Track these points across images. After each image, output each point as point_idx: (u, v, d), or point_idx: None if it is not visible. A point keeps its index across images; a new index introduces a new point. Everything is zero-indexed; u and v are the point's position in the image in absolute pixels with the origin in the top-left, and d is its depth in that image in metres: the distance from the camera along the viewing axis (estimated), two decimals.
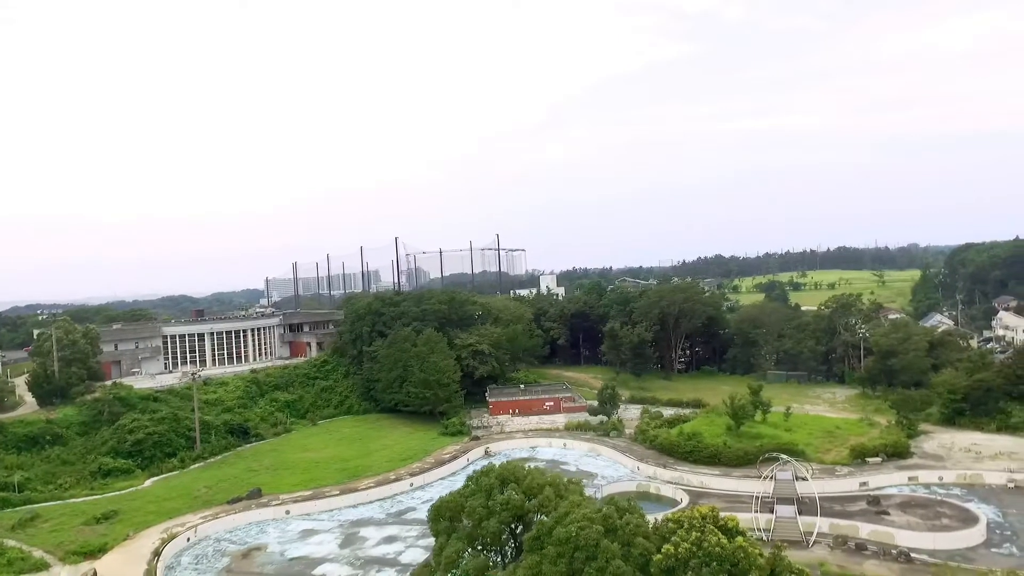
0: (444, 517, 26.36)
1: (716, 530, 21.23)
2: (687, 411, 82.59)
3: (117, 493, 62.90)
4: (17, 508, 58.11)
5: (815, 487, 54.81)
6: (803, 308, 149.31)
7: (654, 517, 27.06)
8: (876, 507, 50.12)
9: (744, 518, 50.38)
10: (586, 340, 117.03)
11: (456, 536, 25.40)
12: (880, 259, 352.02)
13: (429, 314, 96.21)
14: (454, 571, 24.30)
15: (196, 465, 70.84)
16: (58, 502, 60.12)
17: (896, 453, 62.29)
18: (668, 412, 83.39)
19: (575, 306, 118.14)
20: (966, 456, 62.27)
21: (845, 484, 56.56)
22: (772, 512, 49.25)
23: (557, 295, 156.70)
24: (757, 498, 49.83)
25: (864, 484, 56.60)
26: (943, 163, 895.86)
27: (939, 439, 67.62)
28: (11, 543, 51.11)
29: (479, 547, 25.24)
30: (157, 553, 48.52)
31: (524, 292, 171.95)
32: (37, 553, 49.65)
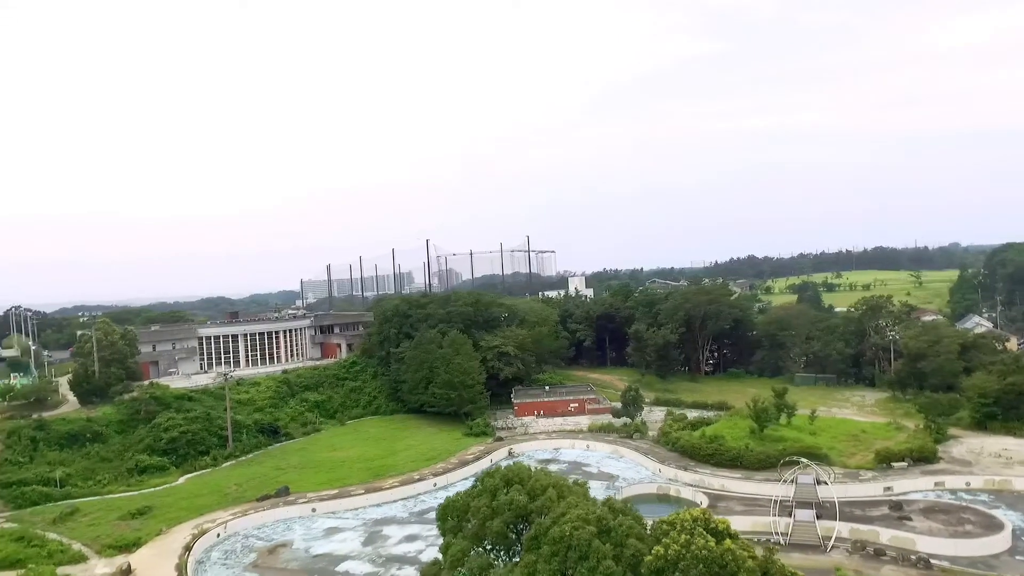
0: (451, 517, 27.09)
1: (705, 532, 21.44)
2: (711, 414, 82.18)
3: (152, 489, 65.20)
4: (58, 503, 60.67)
5: (837, 491, 54.39)
6: (836, 309, 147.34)
7: (651, 520, 27.33)
8: (898, 512, 49.49)
9: (763, 522, 50.51)
10: (612, 342, 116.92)
11: (462, 535, 26.10)
12: (918, 259, 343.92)
13: (455, 316, 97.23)
14: (460, 569, 24.94)
15: (228, 463, 72.94)
16: (96, 497, 62.64)
17: (922, 458, 61.28)
18: (693, 414, 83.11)
19: (601, 308, 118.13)
20: (995, 462, 61.04)
21: (869, 489, 55.87)
22: (791, 516, 49.08)
23: (585, 297, 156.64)
24: (776, 502, 49.59)
25: (888, 489, 55.83)
26: (985, 159, 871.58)
27: (968, 444, 66.31)
28: (52, 536, 53.41)
29: (485, 546, 25.89)
30: (188, 548, 50.19)
31: (552, 294, 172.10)
32: (76, 546, 51.77)
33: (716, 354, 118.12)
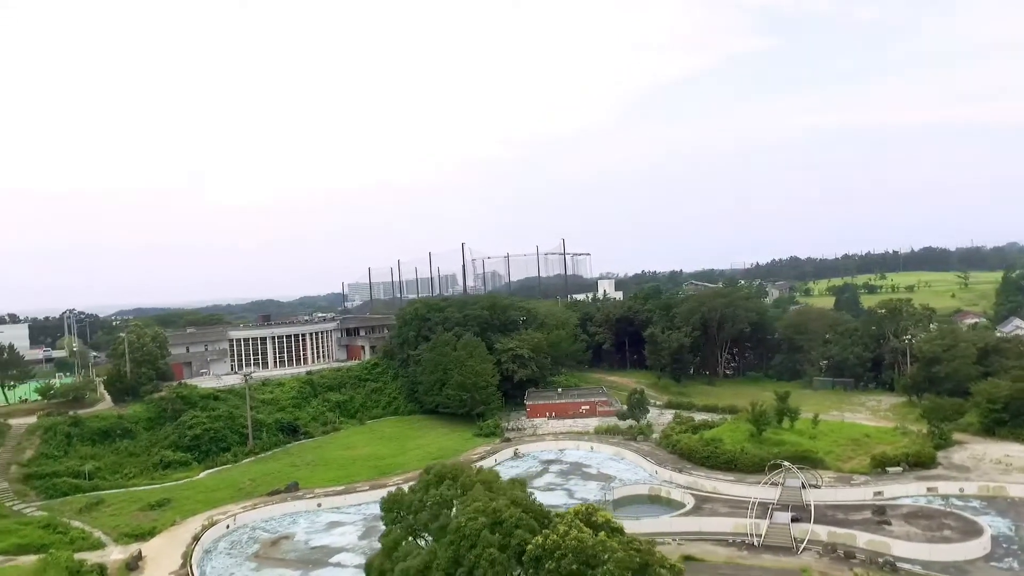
0: (392, 509, 29.16)
1: (582, 526, 22.93)
2: (719, 417, 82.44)
3: (173, 483, 69.17)
4: (87, 494, 65.00)
5: (825, 495, 54.85)
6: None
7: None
8: (880, 517, 49.56)
9: (744, 523, 51.13)
10: (631, 345, 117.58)
11: (399, 526, 28.15)
12: (969, 260, 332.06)
13: (471, 319, 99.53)
14: (395, 554, 27.00)
15: (247, 460, 76.58)
16: (121, 489, 66.88)
17: (919, 463, 60.83)
18: (702, 417, 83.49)
19: (620, 311, 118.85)
20: (995, 468, 60.19)
21: (858, 493, 55.88)
22: (770, 518, 49.63)
23: (612, 299, 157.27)
24: (754, 504, 50.18)
25: (879, 494, 55.76)
26: None
27: (972, 450, 65.37)
28: (76, 524, 57.59)
29: (416, 535, 27.86)
30: (196, 538, 53.46)
31: (581, 297, 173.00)
32: (97, 534, 55.71)
33: (735, 357, 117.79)
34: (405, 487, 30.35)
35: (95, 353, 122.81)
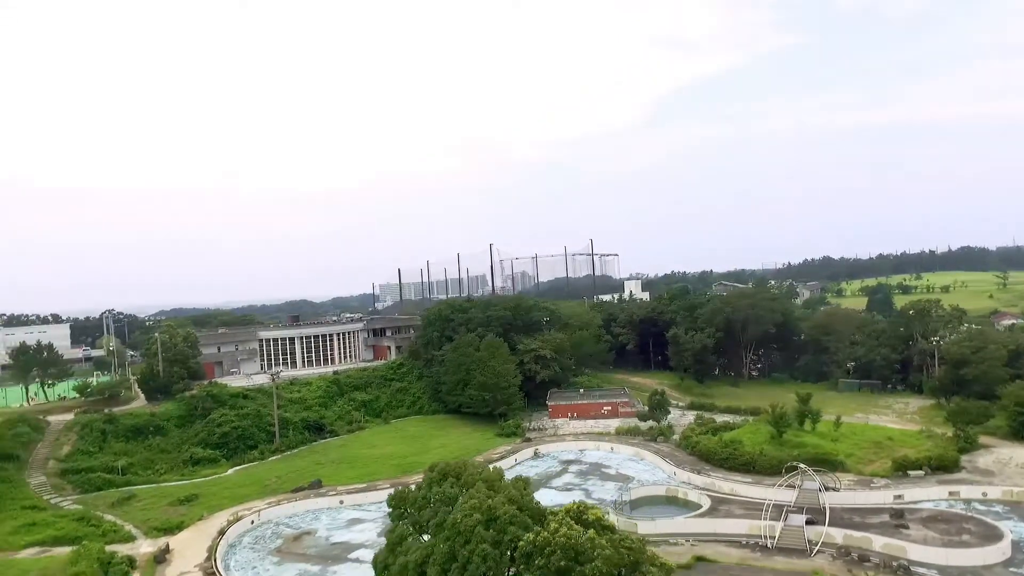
0: (398, 506, 29.93)
1: (572, 523, 23.36)
2: (741, 419, 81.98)
3: (202, 479, 71.17)
4: (119, 488, 67.32)
5: (844, 498, 54.37)
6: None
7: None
8: (897, 520, 49.00)
9: (759, 525, 50.98)
10: (655, 346, 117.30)
11: (403, 522, 28.92)
12: (1009, 259, 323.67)
13: (494, 320, 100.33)
14: (398, 549, 27.78)
15: (273, 457, 78.34)
16: (152, 485, 69.02)
17: (942, 466, 59.86)
18: (724, 419, 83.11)
19: (644, 312, 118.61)
20: (1020, 472, 59.01)
21: (877, 496, 55.28)
22: (784, 521, 49.39)
23: (639, 300, 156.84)
24: (768, 506, 49.99)
25: (899, 497, 55.11)
26: None
27: (998, 454, 64.08)
28: (109, 517, 59.72)
29: (420, 531, 28.66)
30: (222, 532, 55.05)
31: (608, 297, 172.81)
32: (128, 527, 57.72)
33: (761, 358, 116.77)
34: (413, 485, 31.13)
35: (132, 352, 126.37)
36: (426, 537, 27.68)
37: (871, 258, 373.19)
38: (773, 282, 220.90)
